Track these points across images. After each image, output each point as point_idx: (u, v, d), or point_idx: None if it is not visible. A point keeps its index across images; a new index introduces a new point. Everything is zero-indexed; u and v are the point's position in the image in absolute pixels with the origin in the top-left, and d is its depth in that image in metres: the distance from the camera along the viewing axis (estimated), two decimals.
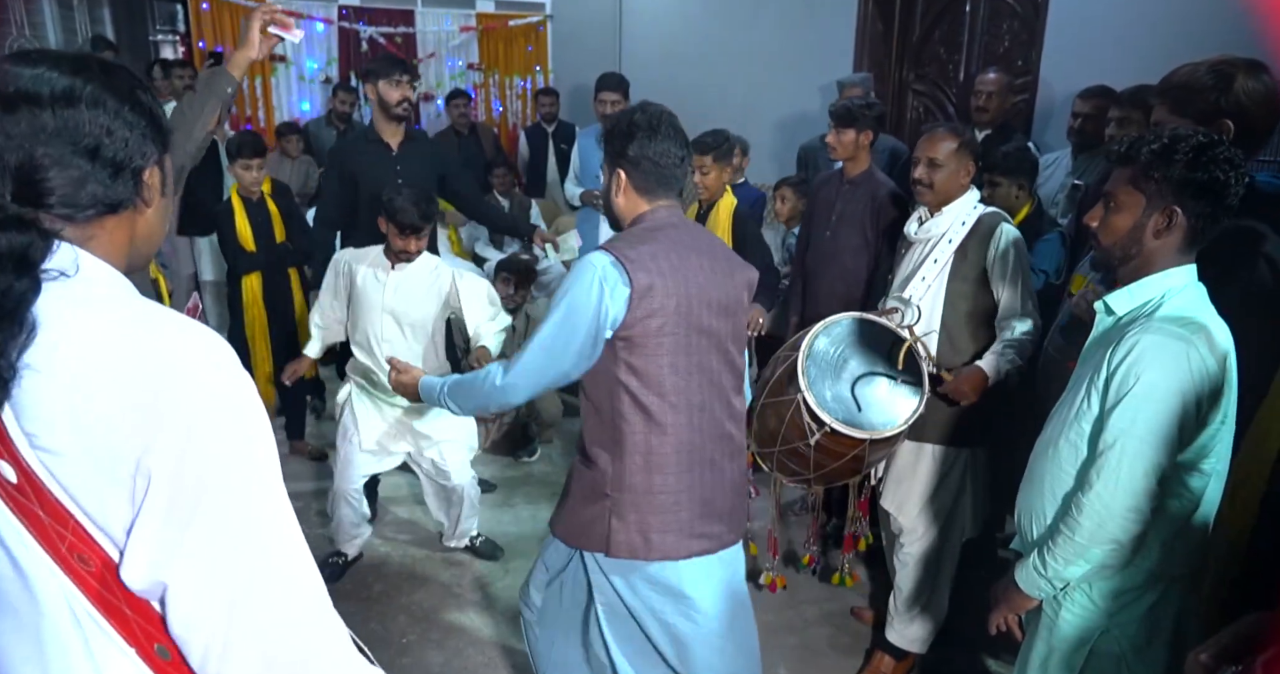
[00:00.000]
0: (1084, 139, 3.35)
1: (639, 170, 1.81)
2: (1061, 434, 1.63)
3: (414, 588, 3.09)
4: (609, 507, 1.81)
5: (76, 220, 0.85)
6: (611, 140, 1.84)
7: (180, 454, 0.79)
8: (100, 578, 0.81)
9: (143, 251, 0.95)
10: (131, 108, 0.87)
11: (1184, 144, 1.47)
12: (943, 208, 2.46)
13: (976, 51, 4.38)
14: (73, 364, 0.78)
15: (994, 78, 3.65)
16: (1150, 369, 1.46)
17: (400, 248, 2.84)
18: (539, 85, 7.12)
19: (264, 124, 6.43)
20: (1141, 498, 1.49)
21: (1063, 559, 1.57)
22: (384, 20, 6.76)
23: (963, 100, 4.36)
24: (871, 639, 2.83)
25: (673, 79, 6.14)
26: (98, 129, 0.84)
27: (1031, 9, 4.00)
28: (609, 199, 1.89)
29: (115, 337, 0.81)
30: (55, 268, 0.80)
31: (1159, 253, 1.55)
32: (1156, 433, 1.47)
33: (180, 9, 6.68)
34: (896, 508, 2.57)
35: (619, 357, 1.76)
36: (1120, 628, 1.60)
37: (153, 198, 0.92)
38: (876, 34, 4.76)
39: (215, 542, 0.81)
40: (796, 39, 5.18)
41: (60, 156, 0.82)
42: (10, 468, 0.78)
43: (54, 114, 0.82)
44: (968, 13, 4.39)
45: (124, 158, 0.86)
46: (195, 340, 0.84)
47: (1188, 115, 1.82)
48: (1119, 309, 1.60)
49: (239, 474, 0.83)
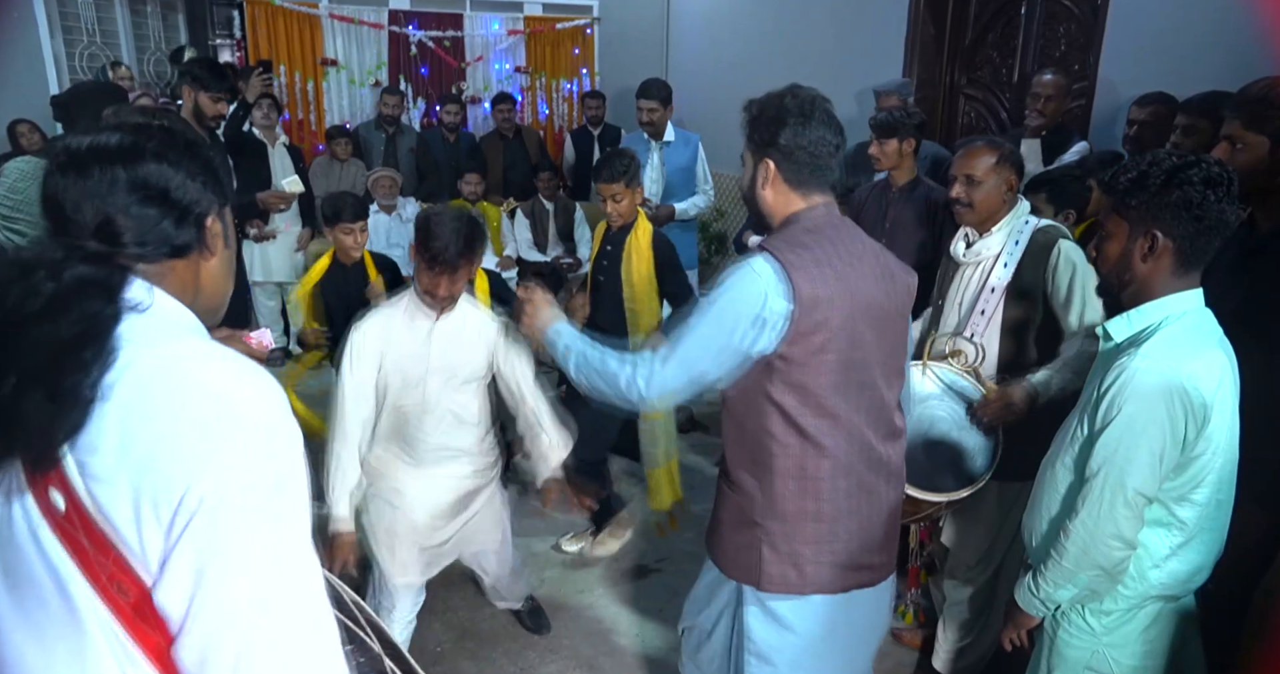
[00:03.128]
0: (1140, 147, 3.21)
1: (791, 161, 1.64)
2: (1058, 457, 1.66)
3: (449, 595, 3.10)
4: (760, 535, 1.67)
5: (148, 260, 0.92)
6: (757, 127, 1.67)
7: (221, 489, 0.82)
8: (137, 608, 0.83)
9: (209, 304, 1.02)
10: (192, 160, 0.96)
11: (1157, 168, 1.51)
12: (990, 227, 2.30)
13: (1032, 55, 4.25)
14: (129, 394, 0.82)
15: (1051, 79, 3.53)
16: (1131, 399, 1.48)
17: (428, 287, 2.24)
18: (585, 88, 7.15)
19: (315, 126, 6.54)
20: (1123, 526, 1.51)
21: (1052, 582, 1.61)
22: (433, 24, 6.84)
23: (1016, 105, 4.24)
24: (917, 664, 2.76)
25: (720, 82, 6.10)
26: (163, 179, 0.93)
27: (1090, 11, 3.87)
28: (754, 192, 1.71)
29: (172, 370, 0.85)
30: (133, 298, 0.88)
31: (1152, 277, 1.56)
32: (1137, 463, 1.49)
33: (236, 15, 6.82)
34: (957, 545, 2.48)
35: (775, 373, 1.59)
36: (1116, 649, 1.63)
37: (216, 246, 0.99)
38: (928, 37, 4.65)
39: (235, 576, 0.83)
40: (846, 42, 5.08)
41: (129, 205, 0.91)
42: (61, 497, 0.82)
43: (124, 168, 0.90)
44: (1023, 15, 4.26)
45: (187, 204, 0.95)
46: (248, 381, 0.88)
47: (1265, 132, 1.78)
48: (1117, 335, 1.60)
49: (272, 518, 0.85)
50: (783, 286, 1.54)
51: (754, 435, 1.65)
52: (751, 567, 1.68)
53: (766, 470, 1.64)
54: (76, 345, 0.81)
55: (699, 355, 1.58)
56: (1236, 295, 1.61)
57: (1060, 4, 4.05)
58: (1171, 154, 1.54)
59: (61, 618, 0.84)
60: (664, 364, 1.60)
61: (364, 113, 6.65)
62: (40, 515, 0.83)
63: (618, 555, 3.37)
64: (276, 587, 0.85)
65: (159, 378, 0.84)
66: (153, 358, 0.85)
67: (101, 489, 0.81)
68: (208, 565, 0.82)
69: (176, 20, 7.10)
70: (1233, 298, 1.60)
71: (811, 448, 1.61)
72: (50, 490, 0.82)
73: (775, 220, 1.70)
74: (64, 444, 0.80)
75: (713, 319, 1.57)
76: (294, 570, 0.87)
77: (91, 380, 0.80)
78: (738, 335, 1.55)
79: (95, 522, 0.81)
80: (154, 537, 0.82)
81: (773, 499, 1.65)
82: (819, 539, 1.65)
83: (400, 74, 6.77)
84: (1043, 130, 3.52)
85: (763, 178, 1.67)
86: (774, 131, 1.63)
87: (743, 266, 1.58)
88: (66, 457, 0.81)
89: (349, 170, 5.55)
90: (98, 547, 0.81)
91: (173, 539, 0.81)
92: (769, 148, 1.65)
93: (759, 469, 1.65)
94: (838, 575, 1.67)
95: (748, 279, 1.56)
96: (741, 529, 1.70)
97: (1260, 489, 1.61)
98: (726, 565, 1.75)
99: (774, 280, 1.54)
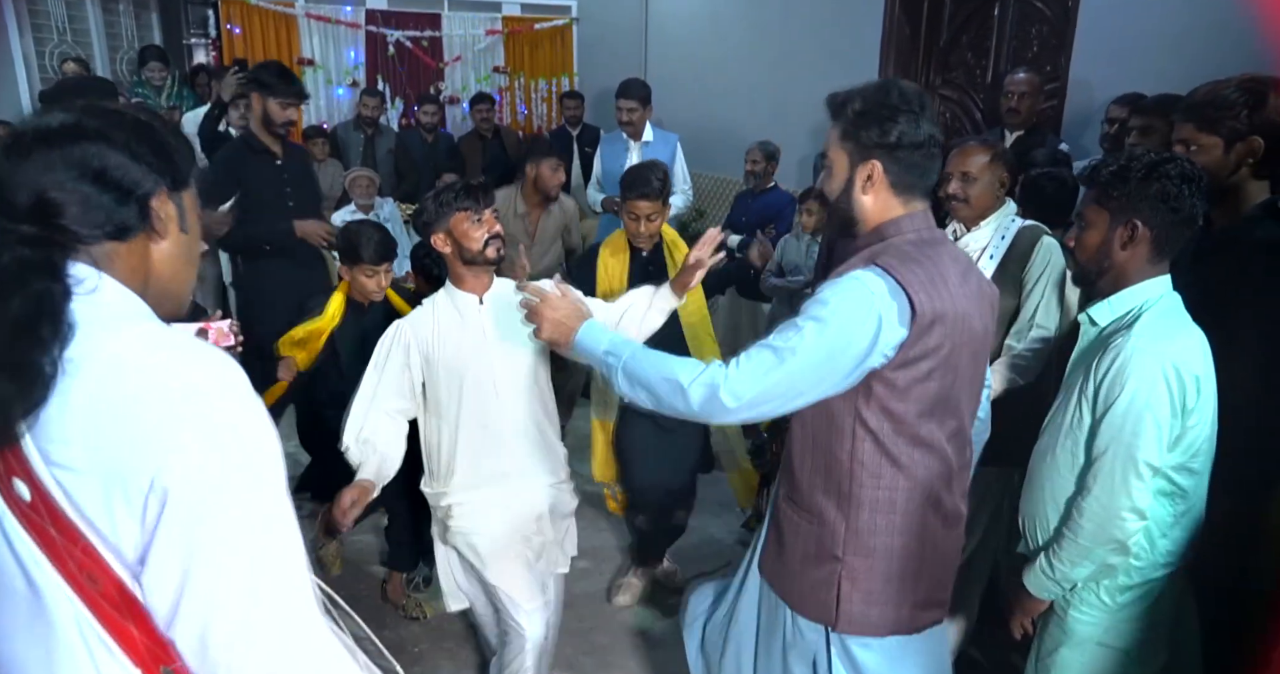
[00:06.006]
0: (1119, 145, 3.27)
1: (900, 164, 1.46)
2: (1059, 442, 1.71)
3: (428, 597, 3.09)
4: (840, 571, 1.53)
5: (87, 242, 0.89)
6: (863, 124, 1.46)
7: (190, 477, 0.82)
8: (109, 598, 0.83)
9: (170, 290, 0.99)
10: (139, 141, 0.92)
11: (1138, 162, 1.60)
12: (979, 222, 2.39)
13: (1005, 56, 4.31)
14: (91, 380, 0.81)
15: (1025, 78, 3.58)
16: (1133, 378, 1.55)
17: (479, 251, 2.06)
18: (564, 88, 7.13)
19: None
20: (1137, 497, 1.58)
21: (1068, 561, 1.65)
22: (411, 24, 6.81)
23: (990, 105, 4.29)
24: None
25: (699, 82, 6.12)
26: (100, 159, 0.89)
27: (1061, 13, 3.92)
28: (849, 197, 1.52)
29: (132, 356, 0.84)
30: (78, 276, 0.85)
31: (1130, 264, 1.65)
32: (1144, 436, 1.56)
33: (211, 14, 6.77)
34: None
35: (873, 397, 1.45)
36: (1127, 623, 1.69)
37: (167, 229, 0.96)
38: (904, 38, 4.70)
39: (219, 565, 0.84)
40: (823, 43, 5.12)
41: (63, 184, 0.87)
42: (25, 486, 0.81)
43: (61, 148, 0.88)
44: (996, 17, 4.32)
45: (128, 184, 0.91)
46: (208, 364, 0.87)
47: (1219, 133, 1.85)
48: (1101, 320, 1.70)
49: (245, 498, 0.86)
50: (898, 307, 1.39)
51: (840, 462, 1.50)
52: (827, 604, 1.54)
53: (853, 501, 1.50)
54: (32, 322, 0.80)
55: (798, 373, 1.40)
56: (1194, 292, 1.67)
57: (1032, 5, 4.10)
58: (1150, 151, 1.64)
59: (29, 608, 0.84)
60: (754, 376, 1.41)
61: (341, 113, 6.61)
62: (4, 505, 0.83)
63: (597, 552, 3.37)
64: (263, 571, 0.86)
65: (120, 365, 0.83)
66: (113, 344, 0.84)
67: (69, 478, 0.81)
68: (191, 556, 0.82)
69: (150, 19, 7.02)
70: (1190, 294, 1.66)
71: (904, 479, 1.49)
72: (14, 481, 0.82)
73: (865, 227, 1.53)
74: (22, 421, 0.80)
75: (818, 337, 1.39)
76: (278, 554, 0.88)
77: (51, 357, 0.80)
78: (846, 358, 1.39)
79: (63, 511, 0.81)
80: (128, 525, 0.82)
81: (859, 533, 1.51)
82: (903, 576, 1.53)
83: (378, 74, 6.73)
84: (1019, 128, 3.58)
85: (864, 181, 1.49)
86: (885, 129, 1.45)
87: (852, 281, 1.42)
88: (30, 446, 0.80)
89: (327, 171, 5.51)
90: (66, 537, 0.81)
91: (148, 529, 0.81)
92: (875, 148, 1.46)
93: (844, 499, 1.51)
94: (915, 614, 1.57)
95: (862, 297, 1.39)
96: (819, 564, 1.55)
97: (1222, 476, 1.66)
98: (796, 602, 1.61)
99: (889, 300, 1.39)
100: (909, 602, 1.56)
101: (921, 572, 1.55)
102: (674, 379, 1.45)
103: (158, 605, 0.83)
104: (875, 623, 1.54)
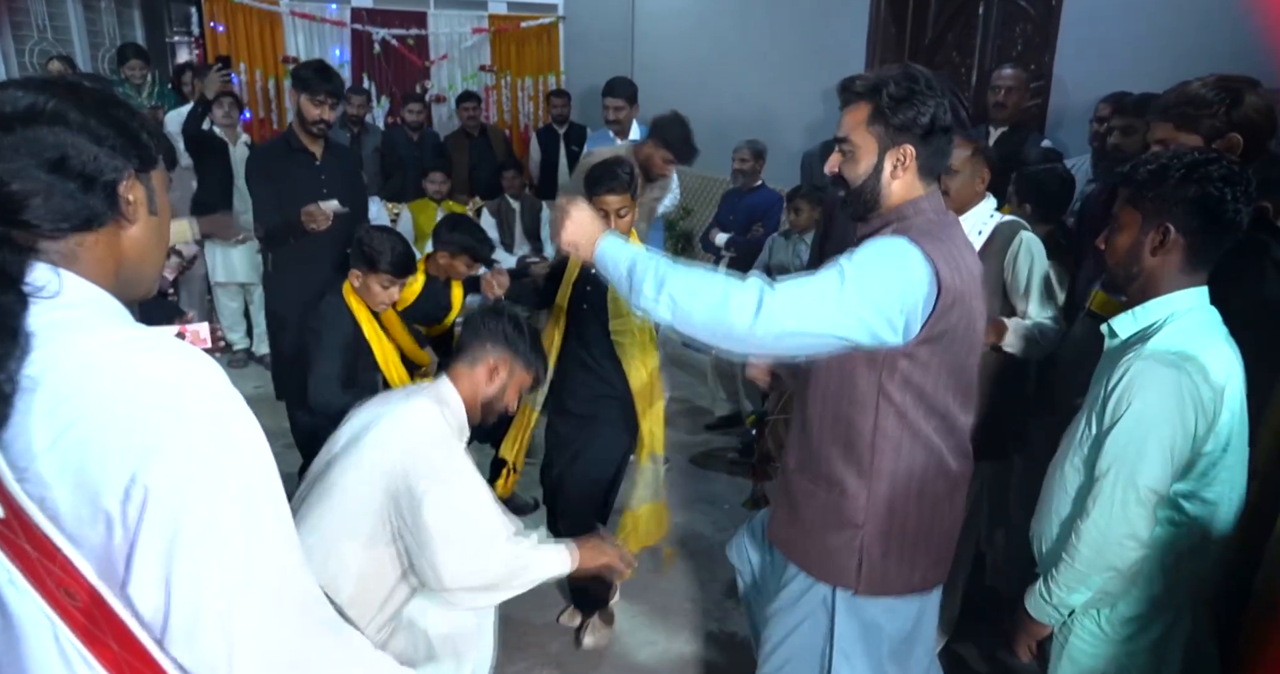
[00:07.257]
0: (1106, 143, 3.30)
1: (930, 148, 1.48)
2: (1067, 458, 1.62)
3: None
4: (860, 537, 1.58)
5: (52, 236, 0.83)
6: (897, 107, 1.46)
7: (172, 473, 0.79)
8: (86, 612, 0.80)
9: (140, 274, 0.93)
10: (100, 122, 0.85)
11: (1178, 162, 1.48)
12: (958, 215, 2.39)
13: (989, 54, 4.34)
14: (56, 390, 0.78)
15: (1012, 73, 3.60)
16: (1140, 396, 1.45)
17: None
18: (551, 87, 7.13)
19: (276, 125, 6.46)
20: (1137, 525, 1.47)
21: (1065, 586, 1.55)
22: (396, 22, 6.78)
23: (976, 103, 4.32)
24: None
25: (685, 80, 6.13)
26: (60, 143, 0.83)
27: (1045, 12, 3.96)
28: (876, 181, 1.52)
29: (105, 357, 0.80)
30: (37, 282, 0.80)
31: (1160, 272, 1.53)
32: (1148, 459, 1.45)
33: (195, 12, 6.72)
34: None
35: (896, 371, 1.49)
36: (1130, 657, 1.59)
37: (136, 214, 0.90)
38: (889, 36, 4.72)
39: (205, 561, 0.81)
40: (809, 41, 5.14)
41: (22, 170, 0.81)
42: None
43: (15, 133, 0.81)
44: (980, 15, 4.35)
45: (93, 171, 0.84)
46: (182, 363, 0.84)
47: (1199, 131, 1.82)
48: (1122, 332, 1.59)
49: (231, 493, 0.83)
50: (929, 273, 1.41)
51: (862, 435, 1.55)
52: (846, 569, 1.60)
53: (875, 471, 1.55)
54: None
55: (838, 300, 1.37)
56: None
57: (1016, 4, 4.13)
58: (1193, 150, 1.51)
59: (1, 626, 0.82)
60: (796, 295, 1.38)
61: None
62: None
63: None
64: (253, 571, 0.84)
65: (89, 371, 0.79)
66: (79, 352, 0.80)
67: (43, 492, 0.78)
68: (176, 554, 0.80)
69: (132, 17, 6.96)
70: None
71: (922, 449, 1.54)
72: None
73: (884, 210, 1.54)
74: None
75: (859, 270, 1.39)
76: (269, 552, 0.86)
77: (8, 374, 0.75)
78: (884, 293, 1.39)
79: (38, 526, 0.77)
80: (104, 535, 0.79)
81: (879, 501, 1.56)
82: (918, 539, 1.59)
83: (364, 72, 6.71)
84: (1005, 123, 3.61)
85: (895, 165, 1.50)
86: (916, 113, 1.46)
87: (884, 240, 1.43)
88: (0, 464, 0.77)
89: None
90: (42, 552, 0.78)
91: (130, 533, 0.79)
92: (908, 131, 1.48)
93: (864, 470, 1.56)
94: (929, 573, 1.64)
95: (899, 247, 1.40)
96: (838, 531, 1.60)
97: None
98: (813, 567, 1.66)
99: (923, 261, 1.40)
100: (924, 561, 1.63)
101: (933, 534, 1.62)
102: (717, 282, 1.40)
103: (147, 609, 0.81)
104: (893, 583, 1.61)
